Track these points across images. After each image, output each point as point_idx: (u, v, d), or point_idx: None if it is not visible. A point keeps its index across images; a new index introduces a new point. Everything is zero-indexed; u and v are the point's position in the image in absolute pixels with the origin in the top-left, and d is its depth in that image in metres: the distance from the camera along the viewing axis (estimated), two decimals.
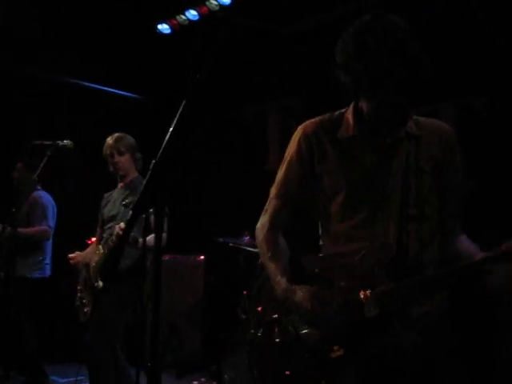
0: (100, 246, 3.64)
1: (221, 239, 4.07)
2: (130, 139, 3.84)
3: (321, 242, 1.98)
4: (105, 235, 3.69)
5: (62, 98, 5.78)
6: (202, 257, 5.52)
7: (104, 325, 3.49)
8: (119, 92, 6.00)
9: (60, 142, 3.87)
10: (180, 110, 1.46)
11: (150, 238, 3.51)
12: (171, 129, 1.46)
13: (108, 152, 3.79)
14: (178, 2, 5.50)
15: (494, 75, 4.07)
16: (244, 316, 3.92)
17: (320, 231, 1.98)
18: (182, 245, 5.07)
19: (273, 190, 2.00)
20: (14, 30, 5.16)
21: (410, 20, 1.76)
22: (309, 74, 5.05)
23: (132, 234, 3.31)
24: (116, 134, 3.84)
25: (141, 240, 3.31)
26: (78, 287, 3.70)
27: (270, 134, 5.61)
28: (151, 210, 1.50)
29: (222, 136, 5.74)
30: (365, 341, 1.71)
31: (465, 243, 1.85)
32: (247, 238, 4.20)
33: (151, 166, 1.45)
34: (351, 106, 1.90)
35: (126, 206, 3.35)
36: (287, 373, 1.80)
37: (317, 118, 1.96)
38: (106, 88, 5.95)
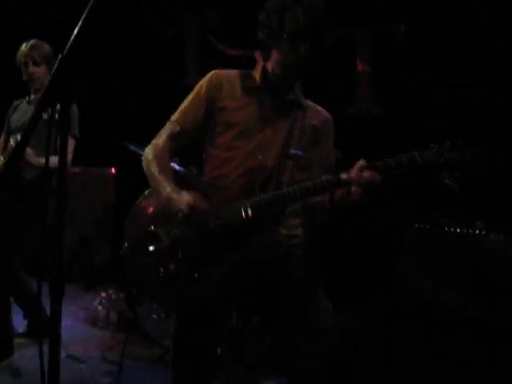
0: (1, 156, 3.47)
1: (132, 148, 3.95)
2: (47, 48, 3.58)
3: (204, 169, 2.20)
4: (9, 145, 3.54)
5: None
6: (113, 169, 5.42)
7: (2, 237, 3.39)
8: None
9: None
10: (90, 4, 1.38)
11: (53, 159, 3.41)
12: (81, 21, 1.37)
13: (22, 60, 3.55)
14: None
15: (413, 3, 4.10)
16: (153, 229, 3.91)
17: (204, 159, 2.21)
18: (93, 157, 4.94)
19: (174, 115, 2.18)
20: None
21: None
22: None
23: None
24: (32, 41, 3.56)
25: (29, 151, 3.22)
26: None
27: (188, 48, 5.46)
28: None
29: (141, 46, 5.52)
30: (232, 242, 1.95)
31: None
32: None
33: (58, 60, 1.38)
34: (259, 66, 2.18)
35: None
36: (161, 271, 1.97)
37: (228, 70, 2.22)
38: None
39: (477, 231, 3.24)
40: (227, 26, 5.04)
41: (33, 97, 3.63)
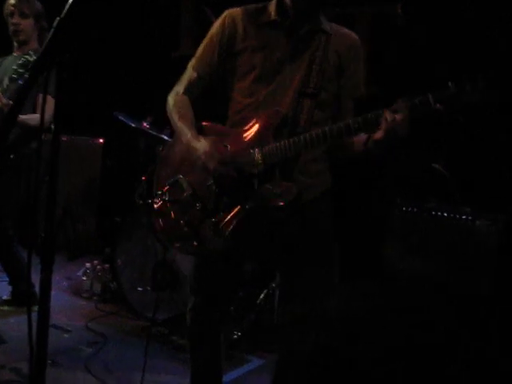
0: None
1: (122, 118, 3.91)
2: (37, 4, 3.49)
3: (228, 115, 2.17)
4: None
5: None
6: (101, 140, 5.36)
7: None
8: None
9: None
10: None
11: (32, 116, 3.35)
12: None
13: (8, 11, 3.45)
14: None
15: None
16: (141, 202, 3.90)
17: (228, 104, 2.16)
18: (81, 126, 4.88)
19: (192, 62, 2.16)
20: None
21: None
22: None
23: None
24: None
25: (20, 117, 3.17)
26: None
27: (183, 20, 5.38)
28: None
29: (134, 14, 5.42)
30: (249, 190, 1.95)
31: None
32: (149, 121, 4.07)
33: (55, 23, 1.35)
34: None
35: (12, 80, 3.13)
36: (182, 222, 2.04)
37: (242, 6, 2.12)
38: None
39: (463, 217, 3.26)
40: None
41: (17, 52, 3.54)
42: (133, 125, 3.92)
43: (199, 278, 2.20)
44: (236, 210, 1.96)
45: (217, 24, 2.11)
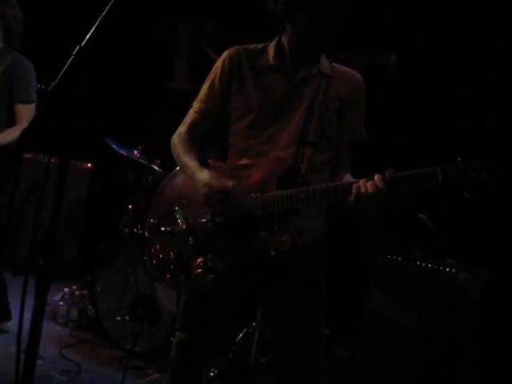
0: None
1: (114, 146, 3.92)
2: (11, 3, 3.43)
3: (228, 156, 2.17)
4: None
5: None
6: (90, 164, 5.33)
7: None
8: None
9: None
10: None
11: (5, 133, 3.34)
12: (102, 15, 1.37)
13: None
14: None
15: (405, 34, 4.17)
16: (126, 230, 3.88)
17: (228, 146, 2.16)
18: (72, 149, 4.85)
19: (194, 104, 2.16)
20: None
21: None
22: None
23: None
24: None
25: None
26: None
27: (179, 53, 5.45)
28: None
29: (131, 45, 5.47)
30: (244, 235, 1.93)
31: (348, 178, 2.01)
32: (140, 151, 4.08)
33: (75, 52, 1.37)
34: (274, 40, 2.08)
35: None
36: (172, 254, 2.04)
37: (242, 46, 2.11)
38: None
39: (447, 269, 3.30)
40: (221, 35, 5.04)
41: None
42: (123, 153, 3.93)
43: (187, 314, 2.18)
44: (227, 252, 1.94)
45: (217, 65, 2.11)
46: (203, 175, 1.97)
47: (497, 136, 3.67)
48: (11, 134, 3.34)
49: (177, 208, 2.07)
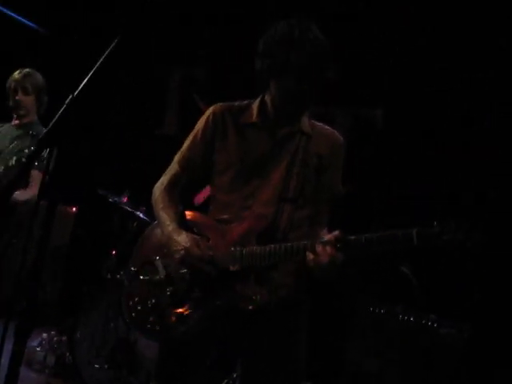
0: None
1: (100, 191, 3.94)
2: (39, 78, 3.59)
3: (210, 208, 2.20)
4: None
5: None
6: (74, 208, 5.32)
7: None
8: (21, 19, 5.54)
9: None
10: (112, 46, 1.42)
11: (17, 193, 3.35)
12: (98, 63, 1.41)
13: (12, 87, 3.55)
14: None
15: (391, 88, 4.28)
16: (109, 276, 3.85)
17: (210, 198, 2.21)
18: (57, 192, 4.85)
19: (176, 157, 2.20)
20: None
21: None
22: (216, 47, 5.03)
23: None
24: (26, 70, 3.58)
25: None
26: None
27: (169, 100, 5.52)
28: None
29: (122, 90, 5.55)
30: (222, 288, 1.96)
31: (324, 234, 2.01)
32: (126, 197, 4.09)
33: (67, 101, 1.40)
34: (258, 98, 2.14)
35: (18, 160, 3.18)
36: (149, 303, 2.05)
37: (227, 103, 2.18)
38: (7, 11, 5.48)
39: (429, 323, 3.30)
40: (213, 85, 5.13)
41: (16, 122, 3.60)
42: (110, 199, 3.94)
43: (162, 365, 2.16)
44: (204, 302, 1.97)
45: (201, 120, 2.16)
46: (180, 238, 1.99)
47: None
48: (27, 194, 3.36)
49: (157, 257, 2.08)
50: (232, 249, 1.98)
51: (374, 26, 4.26)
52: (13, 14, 5.45)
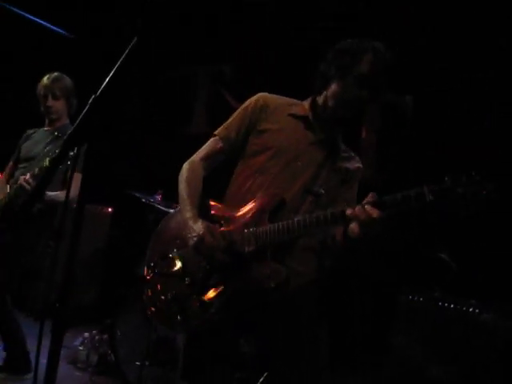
0: (8, 185, 3.45)
1: (133, 192, 3.99)
2: (68, 82, 3.64)
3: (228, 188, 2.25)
4: (17, 173, 3.52)
5: None
6: (110, 209, 5.40)
7: None
8: (51, 26, 5.63)
9: None
10: (130, 47, 1.43)
11: (58, 193, 3.40)
12: (118, 64, 1.42)
13: (42, 93, 3.60)
14: None
15: (421, 76, 4.21)
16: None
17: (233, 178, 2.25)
18: (91, 193, 4.92)
19: (218, 130, 2.25)
20: None
21: None
22: (244, 43, 5.03)
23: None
24: (54, 74, 3.62)
25: (47, 194, 3.22)
26: None
27: (198, 98, 5.55)
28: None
29: (150, 93, 5.60)
30: (239, 270, 1.97)
31: None
32: (159, 196, 4.13)
33: (90, 101, 1.41)
34: (309, 98, 2.24)
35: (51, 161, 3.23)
36: (169, 296, 2.07)
37: (275, 95, 2.26)
38: (34, 18, 5.58)
39: (470, 309, 3.24)
40: (240, 81, 5.13)
41: (48, 127, 3.66)
42: (143, 199, 3.98)
43: (187, 362, 2.18)
44: (224, 287, 1.99)
45: (250, 102, 2.22)
46: (196, 226, 2.02)
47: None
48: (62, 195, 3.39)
49: (175, 250, 2.11)
50: (245, 230, 2.01)
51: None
52: (41, 22, 5.56)
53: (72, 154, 1.48)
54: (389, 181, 4.44)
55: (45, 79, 3.62)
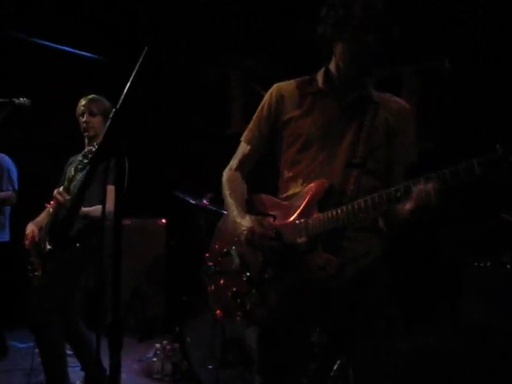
0: (50, 208, 3.53)
1: (182, 195, 4.02)
2: (104, 102, 3.70)
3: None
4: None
5: (18, 56, 5.54)
6: (164, 220, 5.46)
7: (49, 289, 3.38)
8: (76, 51, 5.76)
9: (16, 100, 3.59)
10: (142, 57, 1.42)
11: (95, 208, 3.45)
12: (133, 75, 1.41)
13: (80, 111, 3.67)
14: None
15: (454, 37, 4.07)
16: (207, 278, 3.89)
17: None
18: (142, 208, 5.00)
19: (244, 135, 2.23)
20: None
21: None
22: (274, 38, 4.99)
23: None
24: (91, 95, 3.70)
25: (83, 209, 3.26)
26: (29, 249, 3.55)
27: (233, 98, 5.55)
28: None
29: (186, 97, 5.64)
30: (293, 262, 1.93)
31: None
32: (208, 198, 4.14)
33: (111, 114, 1.41)
34: (322, 68, 2.12)
35: (76, 169, 3.28)
36: (229, 293, 2.05)
37: (291, 80, 2.18)
38: (62, 47, 5.71)
39: None
40: (272, 74, 5.10)
41: (87, 147, 3.71)
42: (192, 201, 4.00)
43: (260, 355, 2.14)
44: (279, 280, 1.96)
45: (265, 97, 2.18)
46: (244, 221, 2.03)
47: None
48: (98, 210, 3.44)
49: (233, 247, 2.10)
50: (297, 222, 1.96)
51: None
52: (71, 50, 5.68)
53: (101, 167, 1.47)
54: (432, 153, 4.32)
55: (82, 100, 3.69)
